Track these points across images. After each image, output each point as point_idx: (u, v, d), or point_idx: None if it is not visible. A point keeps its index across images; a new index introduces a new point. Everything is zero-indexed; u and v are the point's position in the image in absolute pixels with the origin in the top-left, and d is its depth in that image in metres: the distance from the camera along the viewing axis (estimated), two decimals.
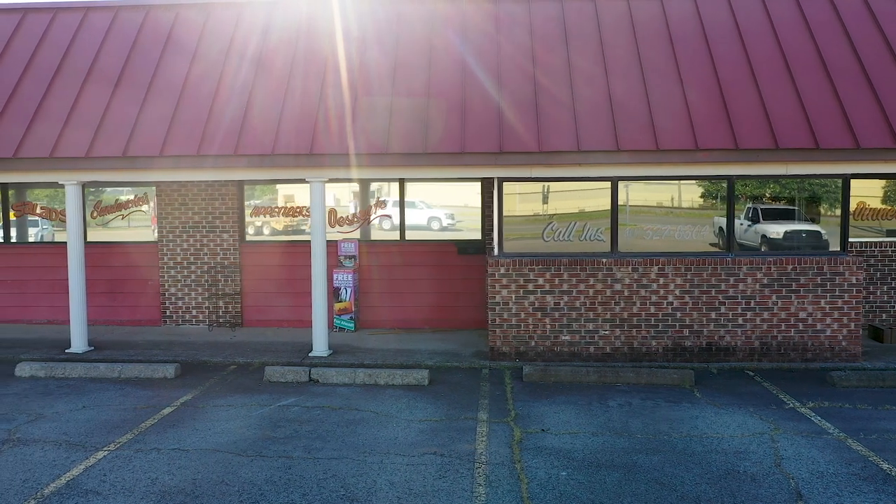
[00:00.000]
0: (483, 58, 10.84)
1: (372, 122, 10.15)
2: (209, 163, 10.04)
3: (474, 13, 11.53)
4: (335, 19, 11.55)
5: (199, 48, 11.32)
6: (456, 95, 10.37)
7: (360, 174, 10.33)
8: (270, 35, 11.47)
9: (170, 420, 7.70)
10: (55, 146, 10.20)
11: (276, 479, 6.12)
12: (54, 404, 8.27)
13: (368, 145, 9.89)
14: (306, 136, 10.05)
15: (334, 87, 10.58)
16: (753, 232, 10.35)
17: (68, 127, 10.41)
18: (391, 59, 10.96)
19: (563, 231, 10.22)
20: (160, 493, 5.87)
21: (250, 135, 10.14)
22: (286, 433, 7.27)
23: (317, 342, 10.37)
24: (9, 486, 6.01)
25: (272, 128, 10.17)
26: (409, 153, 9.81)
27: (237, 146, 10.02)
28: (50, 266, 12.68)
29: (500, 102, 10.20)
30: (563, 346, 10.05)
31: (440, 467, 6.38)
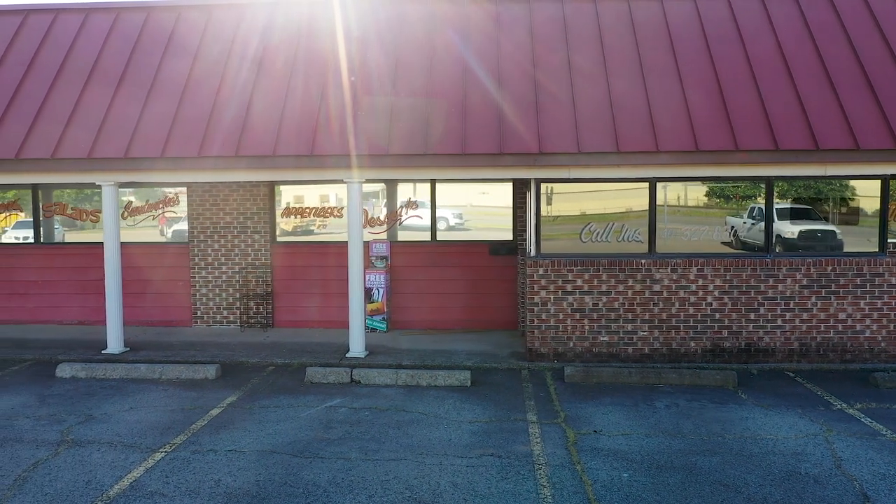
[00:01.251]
0: (517, 60, 10.84)
1: (409, 124, 10.14)
2: (245, 164, 10.04)
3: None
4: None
5: (231, 52, 11.32)
6: (490, 98, 10.36)
7: (397, 175, 10.35)
8: (304, 38, 11.47)
9: (220, 421, 7.70)
10: (92, 147, 10.20)
11: (338, 481, 6.12)
12: (101, 405, 8.27)
13: (407, 146, 9.88)
14: (343, 137, 10.04)
15: (364, 91, 10.57)
16: (758, 230, 10.37)
17: (104, 128, 10.41)
18: (421, 60, 10.96)
19: (601, 232, 10.22)
20: (226, 494, 5.87)
21: (286, 137, 10.13)
22: (339, 434, 7.27)
23: (354, 343, 10.37)
24: (73, 487, 6.01)
25: (310, 130, 10.17)
26: (449, 154, 9.80)
27: (275, 147, 10.02)
28: (80, 266, 12.68)
29: (537, 104, 10.20)
30: (602, 346, 10.05)
31: (500, 469, 6.38)
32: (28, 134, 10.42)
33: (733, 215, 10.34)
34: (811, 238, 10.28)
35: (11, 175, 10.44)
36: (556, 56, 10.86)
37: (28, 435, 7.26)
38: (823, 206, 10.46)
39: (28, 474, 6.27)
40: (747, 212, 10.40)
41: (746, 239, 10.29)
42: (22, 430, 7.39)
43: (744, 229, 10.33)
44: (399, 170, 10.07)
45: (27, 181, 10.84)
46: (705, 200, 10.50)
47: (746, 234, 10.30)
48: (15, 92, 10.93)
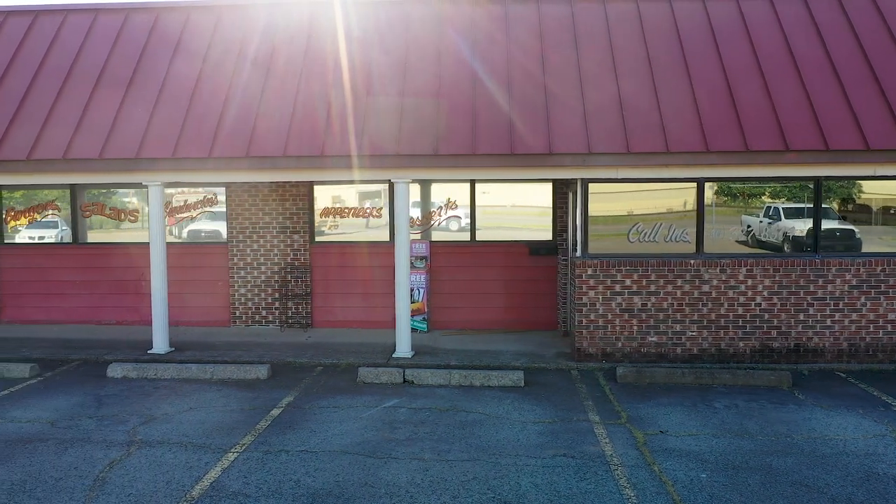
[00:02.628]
0: (560, 61, 10.83)
1: (457, 124, 10.14)
2: (294, 164, 10.03)
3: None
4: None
5: (275, 55, 11.31)
6: (539, 98, 10.36)
7: (445, 175, 10.37)
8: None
9: (282, 421, 7.69)
10: (140, 147, 10.20)
11: (418, 482, 6.11)
12: (159, 406, 8.26)
13: (457, 147, 9.88)
14: (392, 138, 10.03)
15: (412, 92, 10.57)
16: (775, 229, 10.37)
17: (151, 128, 10.40)
18: (462, 61, 10.95)
19: (649, 232, 10.21)
20: (309, 494, 5.87)
21: (333, 137, 10.12)
22: (406, 435, 7.26)
23: (400, 343, 10.36)
24: (154, 488, 6.01)
25: (358, 131, 10.15)
26: (497, 154, 9.80)
27: (323, 148, 10.01)
28: (117, 266, 12.68)
29: (585, 105, 10.19)
30: (650, 347, 10.04)
31: (577, 469, 6.38)
32: (74, 135, 10.40)
33: (750, 214, 10.35)
34: (830, 237, 10.26)
35: (59, 175, 10.44)
36: (598, 55, 10.85)
37: (95, 435, 7.25)
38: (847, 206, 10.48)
39: (106, 475, 6.26)
40: (763, 211, 10.42)
41: (763, 238, 10.29)
42: (88, 431, 7.38)
43: (760, 228, 10.33)
44: (447, 170, 10.07)
45: (74, 181, 10.84)
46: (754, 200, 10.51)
47: (763, 233, 10.29)
48: (58, 94, 10.90)
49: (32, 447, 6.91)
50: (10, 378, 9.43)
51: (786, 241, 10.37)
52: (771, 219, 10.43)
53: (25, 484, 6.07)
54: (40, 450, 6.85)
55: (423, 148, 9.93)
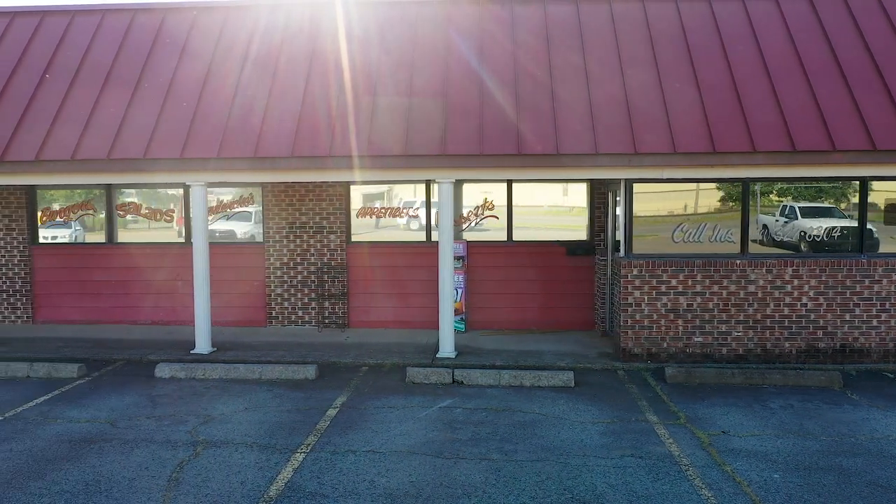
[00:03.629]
0: (601, 60, 10.83)
1: (500, 125, 10.13)
2: (333, 164, 10.01)
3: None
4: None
5: (314, 57, 11.32)
6: (582, 98, 10.35)
7: (489, 175, 10.35)
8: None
9: (341, 422, 7.68)
10: (184, 147, 10.19)
11: (492, 482, 6.11)
12: (214, 406, 8.25)
13: (501, 147, 9.87)
14: (437, 138, 10.03)
15: (456, 92, 10.57)
16: (791, 228, 10.37)
17: (194, 128, 10.39)
18: (505, 61, 10.95)
19: (694, 232, 10.21)
20: (386, 495, 5.86)
21: (375, 137, 10.11)
22: (468, 435, 7.26)
23: (444, 343, 10.36)
24: (229, 488, 6.00)
25: (401, 130, 10.15)
26: (543, 154, 9.79)
27: (368, 148, 10.00)
28: (152, 266, 12.67)
29: (630, 105, 10.19)
30: (696, 347, 10.04)
31: (648, 470, 6.37)
32: (117, 136, 10.39)
33: (765, 213, 10.36)
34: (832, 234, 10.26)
35: (103, 175, 10.43)
36: (640, 54, 10.84)
37: (158, 435, 7.24)
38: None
39: (178, 475, 6.25)
40: (779, 210, 10.41)
41: (779, 237, 10.28)
42: (149, 431, 7.38)
43: (776, 227, 10.31)
44: (492, 170, 10.05)
45: (118, 181, 10.82)
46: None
47: (778, 232, 10.27)
48: (98, 97, 10.88)
49: (98, 447, 6.91)
50: (58, 378, 9.43)
51: (802, 240, 10.38)
52: (787, 218, 10.44)
53: (100, 484, 6.07)
54: (107, 450, 6.84)
55: (467, 148, 9.92)
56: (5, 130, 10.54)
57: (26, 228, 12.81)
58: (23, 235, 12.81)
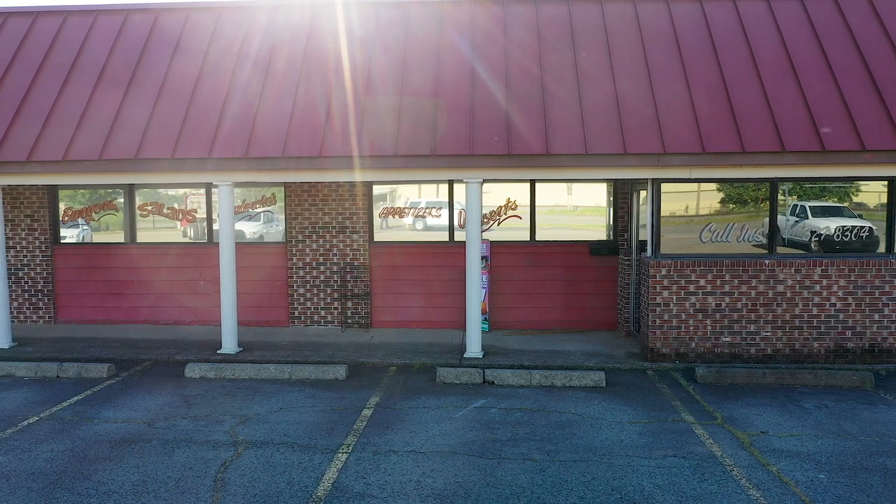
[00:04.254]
0: (627, 62, 10.83)
1: (526, 124, 10.13)
2: (360, 163, 10.00)
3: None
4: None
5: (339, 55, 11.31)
6: (608, 98, 10.35)
7: (517, 175, 10.33)
8: (407, 44, 11.46)
9: (378, 422, 7.68)
10: (212, 147, 10.18)
11: (539, 482, 6.10)
12: (248, 406, 8.25)
13: (527, 147, 9.87)
14: (464, 138, 10.02)
15: (482, 91, 10.57)
16: (801, 228, 10.37)
17: (222, 128, 10.39)
18: (531, 62, 10.95)
19: (722, 232, 10.21)
20: (435, 495, 5.85)
21: (405, 137, 10.10)
22: (507, 435, 7.25)
23: (471, 343, 10.35)
24: (277, 488, 5.99)
25: (429, 130, 10.15)
26: (572, 154, 9.79)
27: (396, 148, 10.00)
28: (173, 266, 12.66)
29: (657, 105, 10.18)
30: (724, 347, 10.03)
31: (693, 470, 6.37)
32: (143, 137, 10.38)
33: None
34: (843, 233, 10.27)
35: (132, 175, 10.41)
36: (666, 56, 10.84)
37: (197, 436, 7.24)
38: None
39: (223, 475, 6.25)
40: (789, 209, 10.39)
41: (789, 237, 10.25)
42: (188, 431, 7.37)
43: (786, 227, 10.29)
44: (519, 170, 10.05)
45: (147, 181, 10.77)
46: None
47: (789, 232, 10.24)
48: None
49: (139, 447, 6.90)
50: (88, 378, 9.42)
51: (813, 240, 10.39)
52: (798, 217, 10.42)
53: (146, 484, 6.06)
54: (147, 450, 6.83)
55: (494, 148, 9.91)
56: (31, 131, 10.54)
57: (48, 228, 12.81)
58: (45, 235, 12.81)
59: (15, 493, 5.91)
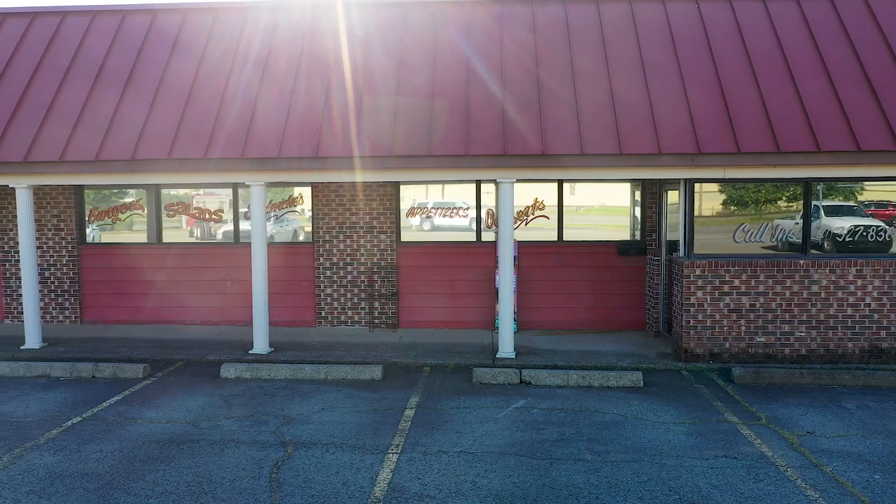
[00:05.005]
0: (659, 61, 10.82)
1: (560, 125, 10.12)
2: (391, 164, 9.99)
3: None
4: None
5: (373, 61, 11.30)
6: (641, 97, 10.34)
7: (552, 175, 10.35)
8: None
9: (422, 422, 7.66)
10: (245, 147, 10.17)
11: (595, 483, 6.09)
12: (289, 406, 8.23)
13: (561, 147, 9.86)
14: (497, 139, 10.01)
15: (513, 91, 10.56)
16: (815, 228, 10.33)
17: (254, 127, 10.38)
18: (562, 63, 10.94)
19: (755, 232, 10.20)
20: (493, 496, 5.84)
21: (441, 137, 10.10)
22: (554, 436, 7.24)
23: (503, 343, 10.34)
24: (332, 488, 5.98)
25: (462, 129, 10.14)
26: (608, 154, 9.77)
27: (430, 148, 9.99)
28: (199, 267, 12.66)
29: (691, 105, 10.17)
30: (758, 347, 10.02)
31: (747, 471, 6.35)
32: (175, 137, 10.37)
33: (782, 218, 10.35)
34: (856, 233, 10.28)
35: (165, 175, 10.39)
36: (697, 54, 10.83)
37: (243, 436, 7.22)
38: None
39: (277, 476, 6.24)
40: (800, 213, 10.36)
41: (795, 239, 10.20)
42: (233, 431, 7.36)
43: (796, 230, 10.26)
44: (554, 170, 10.05)
45: (182, 181, 10.72)
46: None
47: (798, 235, 10.22)
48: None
49: (188, 448, 6.89)
50: (124, 378, 9.41)
51: (826, 240, 10.37)
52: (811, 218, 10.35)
53: (202, 485, 6.05)
54: (197, 451, 6.82)
55: (529, 148, 9.91)
56: (63, 131, 10.53)
57: (74, 228, 12.80)
58: (71, 235, 12.80)
59: (71, 493, 5.90)
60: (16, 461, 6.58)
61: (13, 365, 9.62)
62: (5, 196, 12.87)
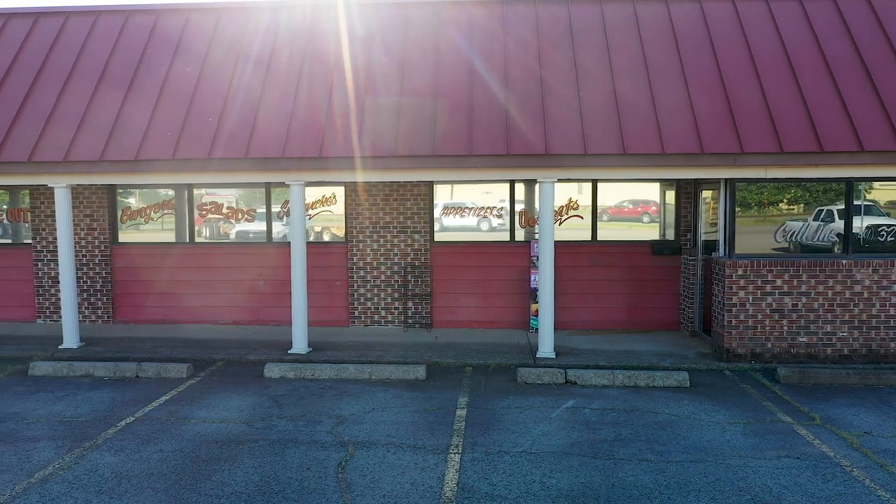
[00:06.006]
0: (699, 63, 10.81)
1: (600, 124, 10.11)
2: (444, 163, 9.99)
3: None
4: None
5: (402, 61, 11.29)
6: (683, 99, 10.33)
7: (592, 174, 10.34)
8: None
9: (476, 422, 7.65)
10: (285, 147, 10.16)
11: (663, 483, 6.08)
12: (339, 406, 8.22)
13: (606, 147, 9.85)
14: (539, 137, 10.00)
15: (553, 93, 10.55)
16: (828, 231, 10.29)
17: (293, 127, 10.37)
18: (600, 63, 10.92)
19: (797, 232, 10.19)
20: (564, 496, 5.83)
21: (476, 138, 10.08)
22: (611, 436, 7.23)
23: (544, 343, 10.33)
24: (402, 489, 5.97)
25: (501, 128, 10.13)
26: (649, 154, 9.77)
27: (471, 147, 9.98)
28: (232, 266, 12.65)
29: (732, 105, 10.16)
30: (800, 347, 10.01)
31: (812, 471, 6.34)
32: (214, 137, 10.37)
33: (793, 220, 10.35)
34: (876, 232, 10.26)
35: (205, 174, 10.38)
36: (736, 55, 10.81)
37: (300, 436, 7.21)
38: None
39: (344, 475, 6.22)
40: (813, 215, 10.34)
41: (814, 242, 10.20)
42: (289, 431, 7.35)
43: (809, 231, 10.24)
44: (595, 169, 10.04)
45: (222, 180, 10.68)
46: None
47: (812, 236, 10.22)
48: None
49: (248, 448, 6.88)
50: (168, 378, 9.40)
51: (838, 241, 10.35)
52: (824, 222, 10.34)
53: (270, 485, 6.04)
54: (258, 451, 6.81)
55: (571, 148, 9.90)
56: (101, 131, 10.52)
57: (107, 228, 12.79)
58: (104, 235, 12.79)
59: (141, 493, 5.89)
60: (78, 461, 6.57)
61: (56, 365, 9.61)
62: (37, 196, 12.86)
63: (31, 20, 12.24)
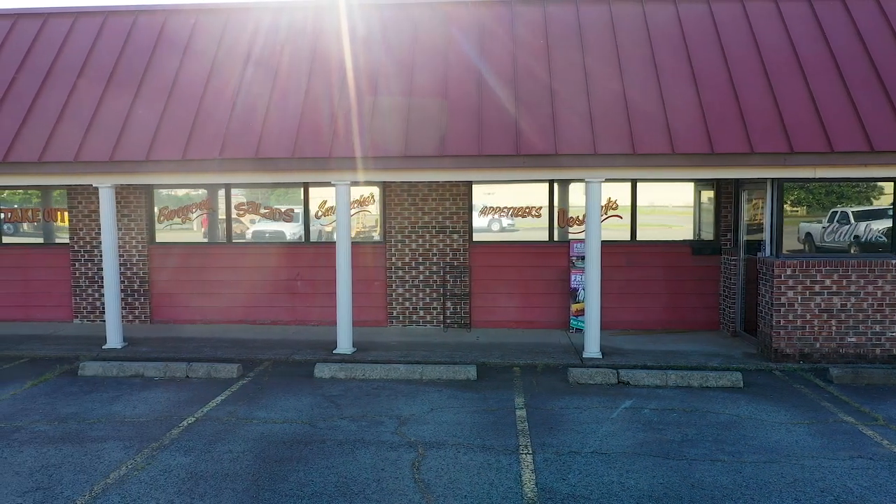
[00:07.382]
0: (742, 62, 10.79)
1: (648, 123, 10.09)
2: (487, 163, 9.98)
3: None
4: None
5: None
6: (729, 97, 10.31)
7: (639, 174, 10.32)
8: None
9: (538, 422, 7.63)
10: (331, 147, 10.15)
11: (741, 483, 6.06)
12: (397, 406, 8.21)
13: (651, 146, 9.83)
14: (587, 137, 9.98)
15: (598, 95, 10.53)
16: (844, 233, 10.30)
17: (336, 127, 10.36)
18: (644, 65, 10.90)
19: (844, 232, 10.17)
20: (647, 496, 5.81)
21: (524, 137, 10.07)
22: (677, 436, 7.21)
23: (590, 344, 10.31)
24: (481, 490, 5.95)
25: (548, 129, 10.12)
26: (697, 154, 9.75)
27: (517, 146, 9.96)
28: (272, 266, 12.63)
29: (779, 104, 10.14)
30: (849, 347, 9.98)
31: (889, 471, 6.32)
32: (260, 137, 10.37)
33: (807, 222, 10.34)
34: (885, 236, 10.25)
35: (249, 174, 10.39)
36: (781, 57, 10.79)
37: (366, 436, 7.20)
38: None
39: (419, 476, 6.21)
40: (827, 216, 10.30)
41: (827, 244, 10.19)
42: (353, 431, 7.33)
43: (824, 233, 10.21)
44: (642, 169, 10.02)
45: (269, 180, 10.68)
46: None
47: (825, 238, 10.20)
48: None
49: (317, 448, 6.87)
50: (219, 378, 9.39)
51: (853, 244, 10.32)
52: (840, 224, 10.32)
53: (348, 486, 6.02)
54: (327, 451, 6.80)
55: (618, 147, 9.88)
56: (146, 131, 10.52)
57: (144, 228, 12.79)
58: (141, 235, 12.79)
59: (220, 493, 5.88)
60: (150, 462, 6.56)
61: (105, 365, 9.61)
62: (75, 196, 12.87)
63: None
